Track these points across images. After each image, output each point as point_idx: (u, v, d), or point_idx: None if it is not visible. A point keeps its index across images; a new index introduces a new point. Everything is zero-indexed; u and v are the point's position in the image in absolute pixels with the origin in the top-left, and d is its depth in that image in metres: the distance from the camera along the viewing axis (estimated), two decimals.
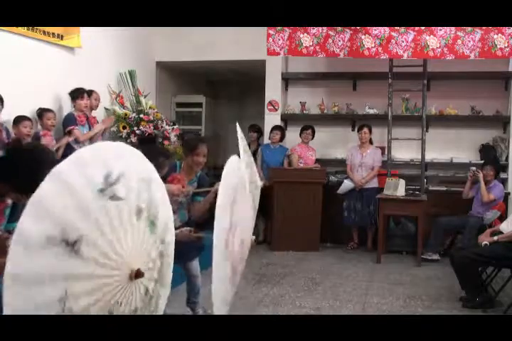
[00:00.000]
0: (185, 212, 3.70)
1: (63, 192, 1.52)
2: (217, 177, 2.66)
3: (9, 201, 2.27)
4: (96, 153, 1.65)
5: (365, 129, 6.53)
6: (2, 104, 4.53)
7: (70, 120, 5.28)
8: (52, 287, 1.51)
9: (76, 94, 5.35)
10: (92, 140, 5.49)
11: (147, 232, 1.82)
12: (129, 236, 1.73)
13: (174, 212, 2.53)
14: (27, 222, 1.41)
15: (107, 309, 1.67)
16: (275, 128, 6.92)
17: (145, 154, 2.16)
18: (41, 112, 5.03)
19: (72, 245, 1.50)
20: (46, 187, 1.47)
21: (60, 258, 1.49)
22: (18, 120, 4.70)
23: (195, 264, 3.90)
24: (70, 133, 5.24)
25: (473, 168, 5.93)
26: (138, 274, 1.72)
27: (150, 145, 3.30)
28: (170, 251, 1.96)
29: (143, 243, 1.82)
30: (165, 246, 1.93)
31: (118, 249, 1.68)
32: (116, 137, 6.33)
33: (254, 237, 2.91)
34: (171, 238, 1.98)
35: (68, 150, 5.25)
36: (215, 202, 2.37)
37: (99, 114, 5.96)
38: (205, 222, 3.32)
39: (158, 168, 2.97)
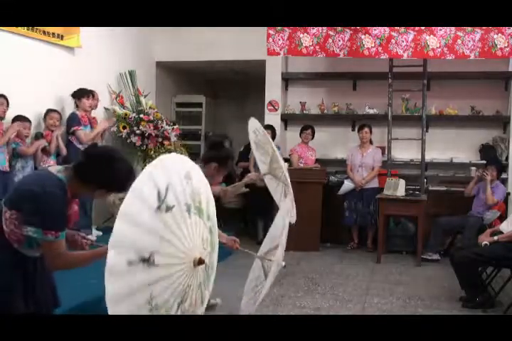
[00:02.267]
0: None
1: (131, 222, 1.81)
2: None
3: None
4: (147, 177, 1.88)
5: (366, 129, 6.52)
6: (8, 104, 4.55)
7: (73, 120, 5.28)
8: (141, 294, 1.88)
9: (81, 93, 5.36)
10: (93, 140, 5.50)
11: (198, 220, 2.05)
12: (185, 232, 1.98)
13: None
14: (111, 254, 1.82)
15: (182, 294, 2.01)
16: (266, 127, 6.91)
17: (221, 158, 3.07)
18: (46, 113, 5.03)
19: (147, 260, 1.85)
20: (118, 226, 1.77)
21: (142, 272, 1.85)
22: (17, 120, 4.71)
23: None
24: (73, 133, 5.24)
25: (481, 170, 5.91)
26: (200, 262, 2.03)
27: (222, 150, 3.57)
28: (214, 221, 2.15)
29: (198, 231, 2.07)
30: (211, 221, 2.14)
31: (182, 248, 1.97)
32: (116, 137, 6.33)
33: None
34: (212, 210, 2.15)
35: (73, 149, 5.27)
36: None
37: (99, 114, 5.96)
38: None
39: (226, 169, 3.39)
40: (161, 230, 1.90)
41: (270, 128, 6.92)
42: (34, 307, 2.21)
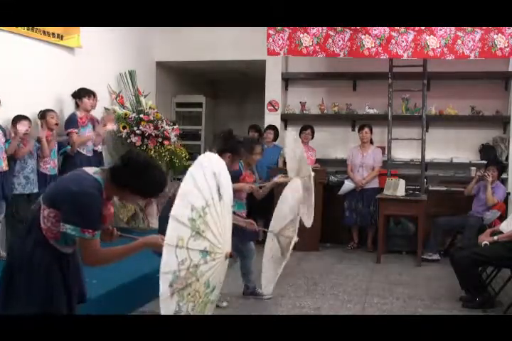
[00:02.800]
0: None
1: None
2: None
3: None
4: (208, 171, 2.28)
5: (366, 129, 6.52)
6: None
7: (71, 122, 5.27)
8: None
9: (82, 93, 5.35)
10: (95, 141, 5.50)
11: (225, 210, 2.35)
12: (225, 224, 2.30)
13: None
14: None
15: (217, 280, 2.33)
16: (268, 127, 6.92)
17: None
18: (44, 112, 5.01)
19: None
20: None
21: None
22: (17, 120, 4.70)
23: (251, 246, 4.39)
24: (68, 135, 5.24)
25: (482, 171, 5.91)
26: (231, 256, 2.33)
27: (234, 139, 3.89)
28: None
29: (228, 224, 2.35)
30: (228, 205, 2.44)
31: (221, 239, 2.25)
32: (116, 137, 6.33)
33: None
34: (228, 191, 2.45)
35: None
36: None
37: (99, 114, 5.96)
38: None
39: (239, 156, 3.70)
40: (219, 220, 2.20)
41: (273, 128, 6.92)
42: (71, 302, 2.31)
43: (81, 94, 5.35)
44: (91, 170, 2.28)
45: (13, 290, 2.19)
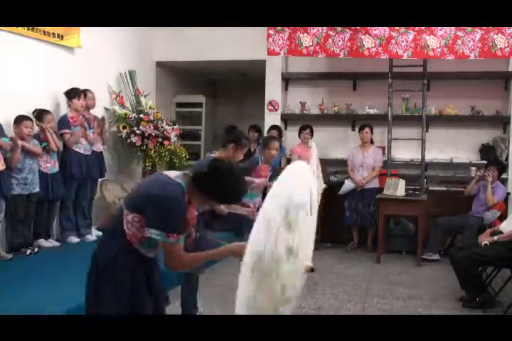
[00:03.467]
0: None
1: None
2: None
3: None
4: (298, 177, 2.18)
5: (367, 129, 6.52)
6: None
7: (62, 123, 5.28)
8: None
9: (72, 94, 5.34)
10: (90, 140, 5.49)
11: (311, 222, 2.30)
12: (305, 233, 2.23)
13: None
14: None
15: (293, 291, 2.19)
16: (272, 127, 6.92)
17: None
18: (41, 114, 5.00)
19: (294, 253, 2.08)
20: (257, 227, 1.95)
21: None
22: (19, 120, 4.70)
23: None
24: (61, 135, 5.25)
25: (482, 171, 5.91)
26: (311, 270, 2.20)
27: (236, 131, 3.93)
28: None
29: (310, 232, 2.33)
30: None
31: (304, 248, 2.20)
32: (116, 137, 6.34)
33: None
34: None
35: (67, 150, 5.29)
36: None
37: (99, 114, 5.95)
38: None
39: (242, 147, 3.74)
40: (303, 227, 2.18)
41: (276, 128, 6.92)
42: (156, 305, 2.32)
43: (71, 95, 5.35)
44: (172, 174, 2.27)
45: (100, 291, 2.21)
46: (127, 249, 2.21)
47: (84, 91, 5.49)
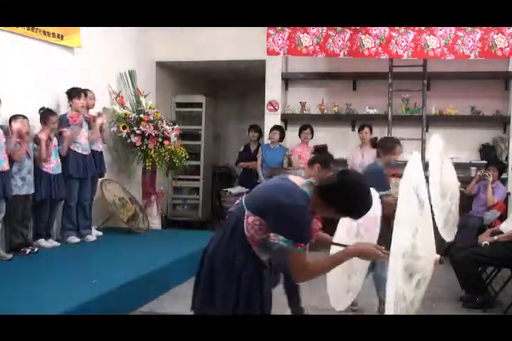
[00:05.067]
0: None
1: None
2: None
3: None
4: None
5: (366, 129, 6.52)
6: None
7: (62, 122, 5.28)
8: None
9: (73, 93, 5.34)
10: (91, 139, 5.49)
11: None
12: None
13: None
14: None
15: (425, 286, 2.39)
16: (274, 127, 6.93)
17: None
18: (46, 115, 4.99)
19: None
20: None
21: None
22: (16, 118, 4.69)
23: None
24: (60, 134, 5.24)
25: (483, 171, 5.91)
26: (440, 262, 2.37)
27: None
28: None
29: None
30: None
31: (429, 242, 2.36)
32: (116, 137, 6.33)
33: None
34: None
35: (71, 151, 5.29)
36: None
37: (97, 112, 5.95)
38: None
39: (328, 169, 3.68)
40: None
41: (278, 128, 6.92)
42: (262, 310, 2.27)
43: (71, 95, 5.34)
44: (299, 181, 2.21)
45: (214, 291, 2.18)
46: (246, 250, 2.17)
47: (85, 91, 5.49)
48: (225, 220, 2.27)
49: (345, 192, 2.13)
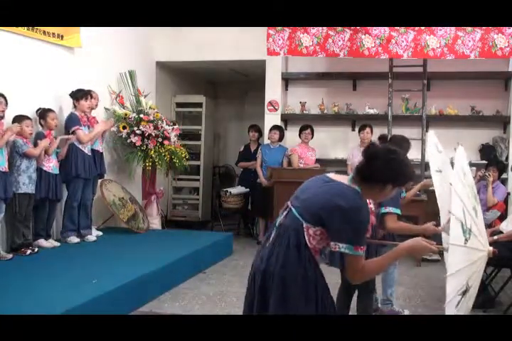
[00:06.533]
0: None
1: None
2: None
3: None
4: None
5: (367, 129, 6.52)
6: (6, 103, 4.54)
7: (73, 120, 5.28)
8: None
9: (80, 95, 5.34)
10: (91, 140, 5.50)
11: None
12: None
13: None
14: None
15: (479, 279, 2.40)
16: (274, 127, 6.93)
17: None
18: (44, 112, 5.02)
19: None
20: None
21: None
22: (20, 119, 4.70)
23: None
24: (73, 133, 5.24)
25: (483, 171, 5.90)
26: (494, 253, 2.39)
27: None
28: None
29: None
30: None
31: (483, 234, 2.41)
32: (116, 137, 6.33)
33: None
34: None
35: (74, 149, 5.28)
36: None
37: (99, 113, 5.95)
38: None
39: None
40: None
41: (278, 128, 6.92)
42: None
43: (78, 96, 5.34)
44: (344, 179, 2.16)
45: (287, 306, 2.11)
46: (313, 261, 2.13)
47: (90, 92, 5.49)
48: (277, 233, 2.19)
49: (377, 164, 2.08)
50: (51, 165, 5.03)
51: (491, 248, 2.38)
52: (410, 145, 4.30)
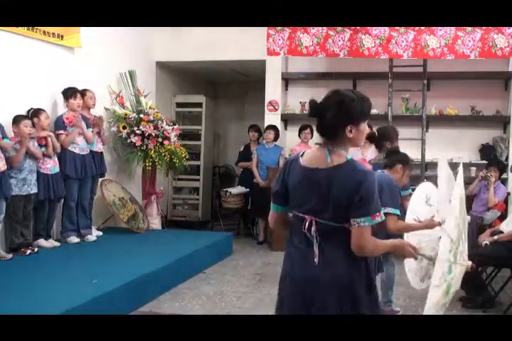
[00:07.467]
0: None
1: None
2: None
3: None
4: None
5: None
6: None
7: (58, 124, 5.27)
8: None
9: (69, 93, 5.32)
10: (88, 139, 5.47)
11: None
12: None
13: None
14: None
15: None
16: (269, 127, 6.94)
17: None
18: (36, 113, 4.97)
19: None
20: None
21: None
22: (19, 119, 4.69)
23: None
24: (57, 136, 5.22)
25: (485, 171, 5.90)
26: (472, 268, 2.53)
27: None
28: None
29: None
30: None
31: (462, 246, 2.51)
32: (116, 137, 6.33)
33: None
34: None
35: (62, 150, 5.27)
36: None
37: (99, 114, 5.94)
38: None
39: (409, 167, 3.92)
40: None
41: (273, 128, 6.92)
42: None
43: (67, 95, 5.32)
44: (319, 159, 2.16)
45: (360, 308, 2.08)
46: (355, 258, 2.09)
47: (83, 91, 5.48)
48: (308, 239, 2.10)
49: (330, 110, 2.07)
50: (48, 167, 5.01)
51: (469, 262, 2.56)
52: (397, 133, 4.71)
